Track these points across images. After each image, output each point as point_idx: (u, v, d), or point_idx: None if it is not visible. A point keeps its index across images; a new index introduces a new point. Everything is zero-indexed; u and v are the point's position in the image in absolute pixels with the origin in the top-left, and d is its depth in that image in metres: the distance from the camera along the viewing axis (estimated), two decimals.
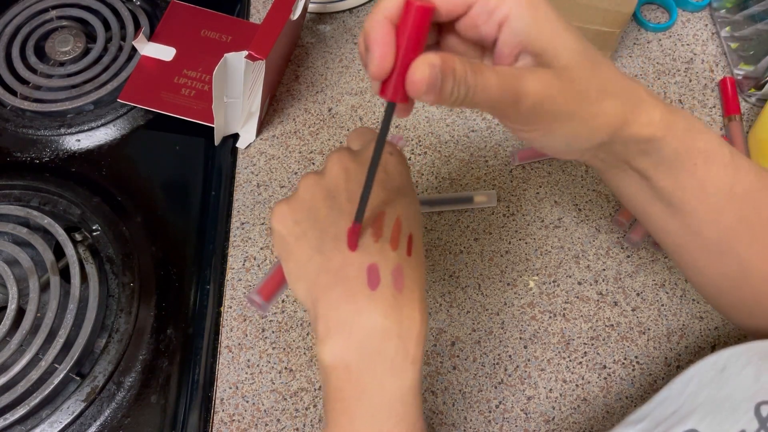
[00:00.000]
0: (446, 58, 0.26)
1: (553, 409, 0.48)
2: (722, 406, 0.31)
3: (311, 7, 0.65)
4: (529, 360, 0.49)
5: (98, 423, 0.48)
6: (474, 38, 0.30)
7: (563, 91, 0.29)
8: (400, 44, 0.27)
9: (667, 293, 0.51)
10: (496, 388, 0.48)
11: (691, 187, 0.35)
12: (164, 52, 0.61)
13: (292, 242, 0.33)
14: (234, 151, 0.59)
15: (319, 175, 0.34)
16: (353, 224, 0.31)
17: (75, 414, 0.48)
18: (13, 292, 0.50)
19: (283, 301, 0.52)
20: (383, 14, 0.27)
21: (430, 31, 0.31)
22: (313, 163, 0.58)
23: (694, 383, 0.34)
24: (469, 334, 0.50)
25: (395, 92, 0.27)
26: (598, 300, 0.51)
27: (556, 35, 0.29)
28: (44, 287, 0.51)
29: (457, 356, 0.50)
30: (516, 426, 0.47)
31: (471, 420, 0.47)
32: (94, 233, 0.55)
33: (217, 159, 0.59)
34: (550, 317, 0.51)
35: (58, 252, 0.52)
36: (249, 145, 0.59)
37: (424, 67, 0.26)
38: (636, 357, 0.49)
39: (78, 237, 0.54)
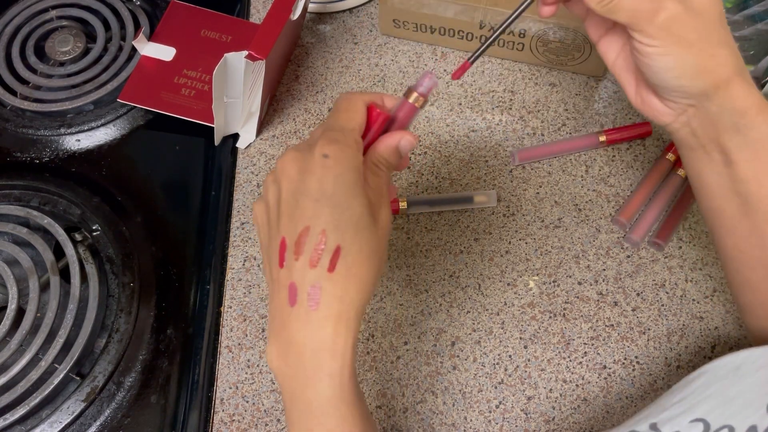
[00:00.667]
0: None
1: (553, 409, 0.48)
2: (733, 401, 0.31)
3: (311, 7, 0.65)
4: (529, 360, 0.49)
5: (98, 423, 0.48)
6: None
7: (692, 21, 0.34)
8: None
9: (667, 293, 0.51)
10: (496, 388, 0.48)
11: None
12: (164, 52, 0.62)
13: (261, 243, 0.36)
14: (234, 151, 0.59)
15: (273, 176, 0.35)
16: (463, 65, 0.39)
17: (75, 414, 0.48)
18: (13, 292, 0.50)
19: None
20: None
21: None
22: None
23: (705, 377, 0.34)
24: (469, 334, 0.50)
25: None
26: (598, 300, 0.51)
27: None
28: (44, 287, 0.51)
29: (457, 356, 0.50)
30: (516, 426, 0.47)
31: (471, 420, 0.47)
32: (94, 233, 0.55)
33: (217, 159, 0.59)
34: (550, 317, 0.51)
35: (58, 252, 0.52)
36: (249, 145, 0.59)
37: None
38: (636, 357, 0.49)
39: (78, 237, 0.54)
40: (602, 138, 0.56)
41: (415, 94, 0.36)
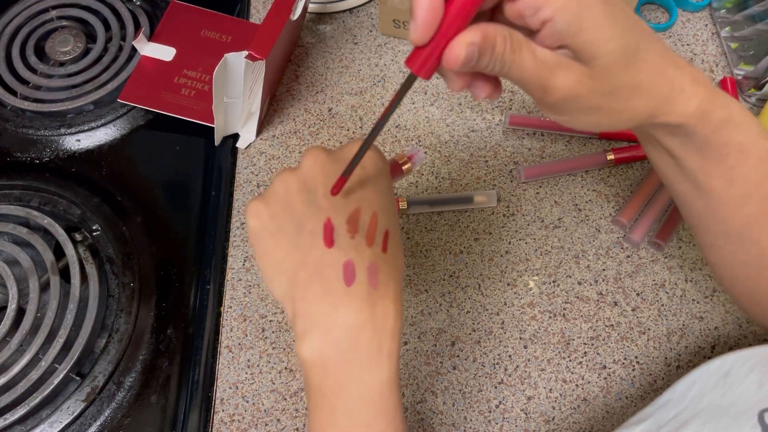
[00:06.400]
0: (488, 35, 0.27)
1: (553, 409, 0.48)
2: (726, 413, 0.31)
3: (311, 7, 0.65)
4: (529, 360, 0.49)
5: (98, 423, 0.48)
6: (519, 26, 0.29)
7: (593, 89, 0.29)
8: (446, 16, 0.26)
9: (667, 293, 0.51)
10: (496, 388, 0.48)
11: (719, 175, 0.35)
12: (164, 52, 0.62)
13: (267, 238, 0.33)
14: (234, 151, 0.59)
15: (293, 169, 0.34)
16: (338, 179, 0.31)
17: (75, 414, 0.48)
18: (13, 292, 0.50)
19: None
20: None
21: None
22: None
23: (696, 387, 0.34)
24: (469, 334, 0.50)
25: (421, 66, 0.27)
26: (598, 300, 0.51)
27: (596, 36, 0.28)
28: (44, 287, 0.51)
29: (457, 356, 0.50)
30: (516, 426, 0.47)
31: (471, 420, 0.47)
32: (94, 233, 0.55)
33: (217, 159, 0.59)
34: (550, 317, 0.51)
35: (58, 252, 0.52)
36: (249, 145, 0.59)
37: (461, 47, 0.26)
38: (636, 357, 0.49)
39: (78, 237, 0.54)
40: (610, 157, 0.55)
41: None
